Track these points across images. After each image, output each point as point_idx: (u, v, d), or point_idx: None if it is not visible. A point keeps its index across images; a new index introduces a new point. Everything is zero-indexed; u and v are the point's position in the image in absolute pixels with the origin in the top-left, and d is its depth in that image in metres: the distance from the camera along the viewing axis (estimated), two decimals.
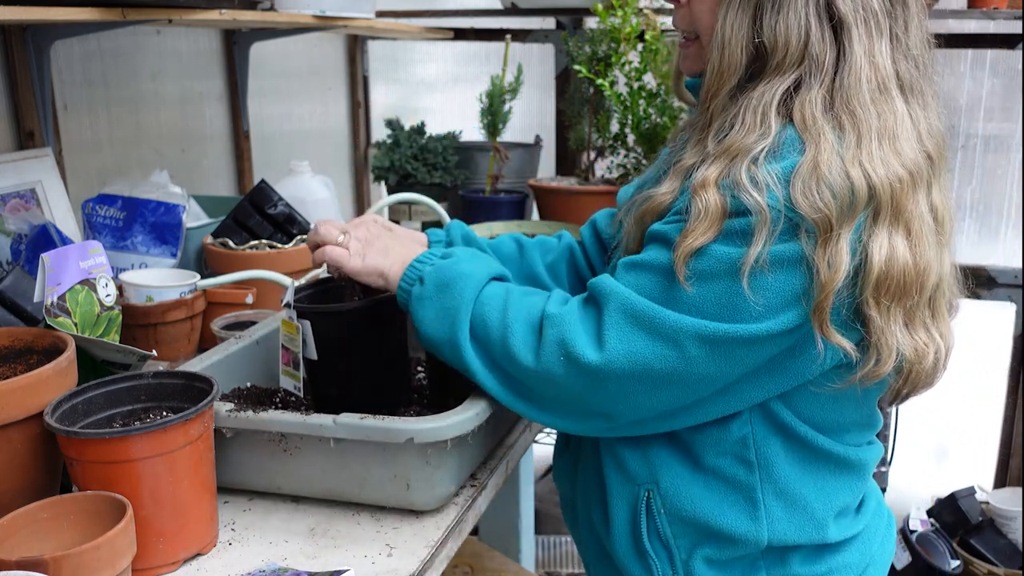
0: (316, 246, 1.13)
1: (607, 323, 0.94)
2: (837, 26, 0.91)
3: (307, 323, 1.13)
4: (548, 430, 2.27)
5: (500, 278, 1.08)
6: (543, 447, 2.95)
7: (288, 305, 1.16)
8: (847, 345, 0.90)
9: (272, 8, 2.00)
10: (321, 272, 1.69)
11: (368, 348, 1.14)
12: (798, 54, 0.92)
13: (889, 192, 0.88)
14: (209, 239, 1.75)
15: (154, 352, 1.19)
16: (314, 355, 1.14)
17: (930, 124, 0.94)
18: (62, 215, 1.72)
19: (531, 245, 1.29)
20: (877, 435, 1.11)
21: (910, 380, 0.95)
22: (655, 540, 1.03)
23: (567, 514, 1.21)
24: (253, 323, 1.46)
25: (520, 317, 1.00)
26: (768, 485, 0.99)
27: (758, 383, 0.95)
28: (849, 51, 0.91)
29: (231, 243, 1.71)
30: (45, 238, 1.49)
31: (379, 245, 1.12)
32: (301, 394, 1.17)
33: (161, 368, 1.17)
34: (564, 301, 1.01)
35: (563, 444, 1.21)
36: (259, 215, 1.74)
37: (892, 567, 1.38)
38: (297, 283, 1.21)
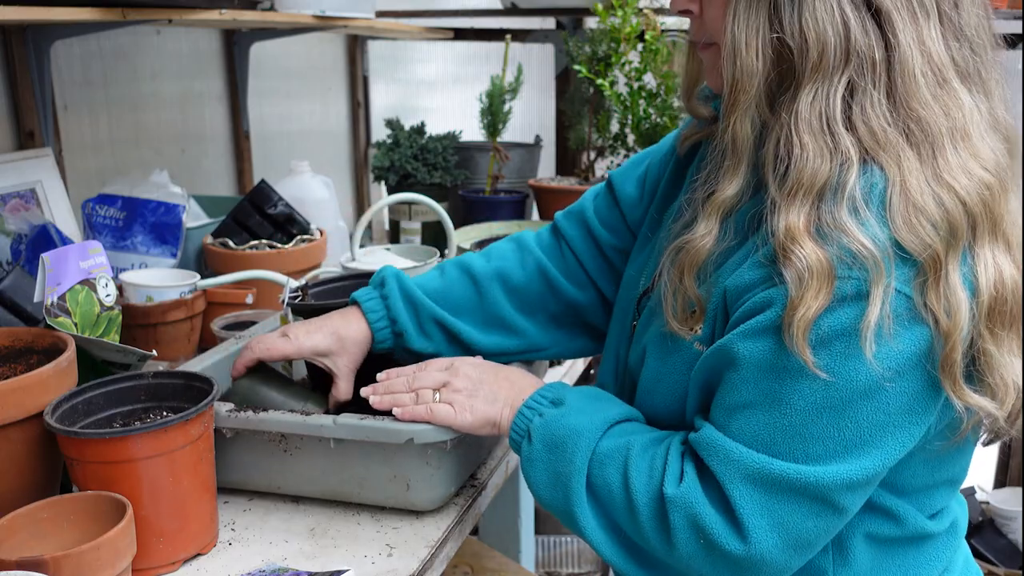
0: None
1: (737, 501, 0.80)
2: (876, 14, 0.77)
3: None
4: None
5: (622, 420, 0.94)
6: None
7: (286, 304, 1.16)
8: (985, 404, 0.77)
9: (272, 8, 2.00)
10: (320, 272, 1.70)
11: None
12: (842, 52, 0.77)
13: (980, 203, 0.75)
14: (209, 239, 1.75)
15: (154, 352, 1.19)
16: None
17: (995, 114, 0.82)
18: (62, 215, 1.72)
19: (488, 279, 1.16)
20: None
21: (1014, 415, 0.81)
22: None
23: None
24: (253, 323, 1.46)
25: (642, 489, 0.86)
26: (842, 570, 0.88)
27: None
28: (895, 42, 0.77)
29: (231, 243, 1.71)
30: (45, 238, 1.49)
31: (485, 391, 1.00)
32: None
33: (161, 368, 1.17)
34: (679, 472, 0.85)
35: None
36: (259, 215, 1.74)
37: None
38: (294, 282, 1.21)
